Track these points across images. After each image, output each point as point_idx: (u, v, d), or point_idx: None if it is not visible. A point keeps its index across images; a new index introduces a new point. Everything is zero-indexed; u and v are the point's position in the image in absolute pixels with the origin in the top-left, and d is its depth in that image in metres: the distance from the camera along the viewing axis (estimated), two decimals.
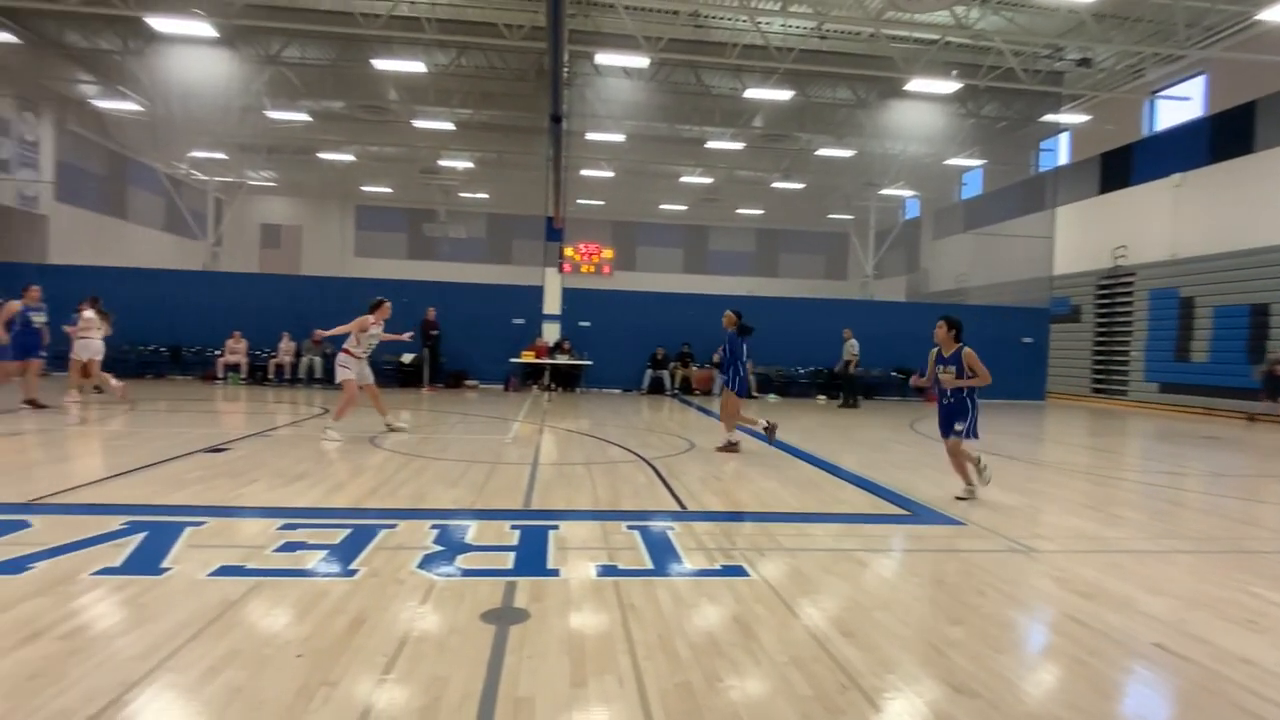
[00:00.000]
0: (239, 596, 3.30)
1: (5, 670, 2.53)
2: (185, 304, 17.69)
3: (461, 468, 6.88)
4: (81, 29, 18.73)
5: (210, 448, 7.46)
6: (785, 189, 29.47)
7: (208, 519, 4.65)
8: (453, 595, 3.44)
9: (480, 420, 11.36)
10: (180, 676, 2.53)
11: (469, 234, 32.96)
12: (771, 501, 5.93)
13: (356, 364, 8.66)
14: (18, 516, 4.49)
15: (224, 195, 28.27)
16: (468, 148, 26.82)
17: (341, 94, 22.50)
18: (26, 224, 20.28)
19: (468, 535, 4.51)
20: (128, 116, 22.49)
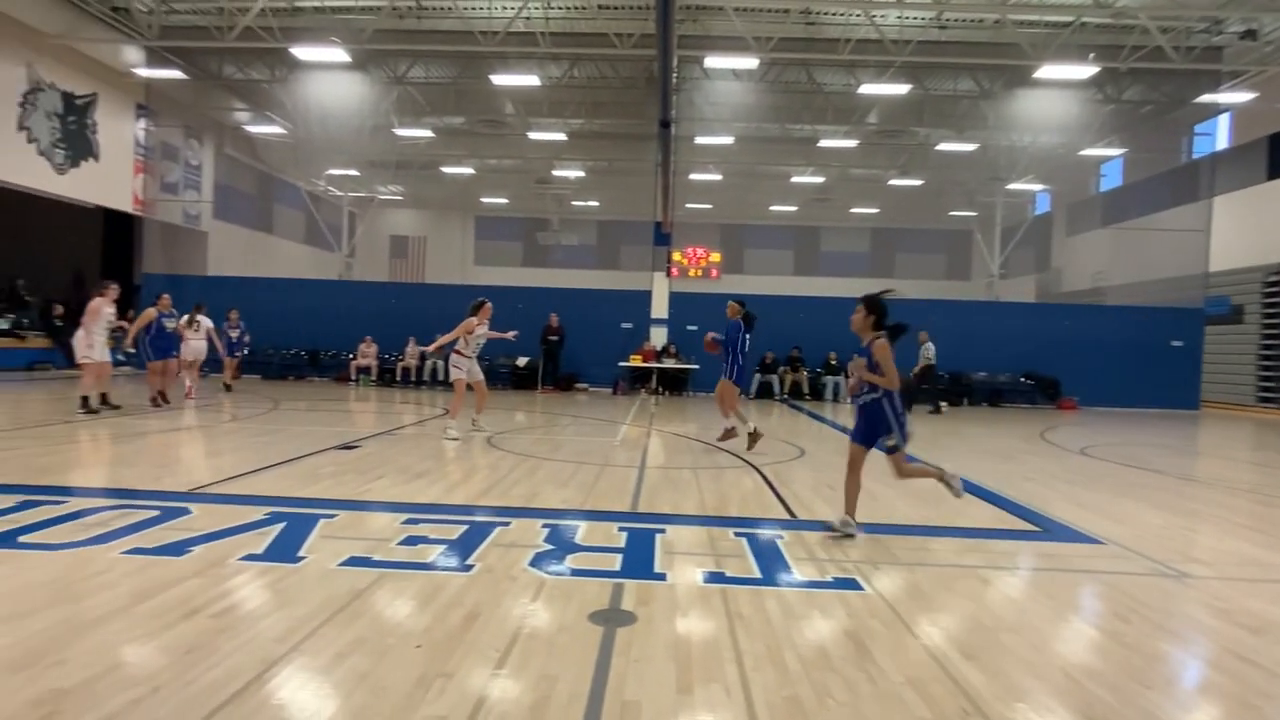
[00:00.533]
0: (365, 586, 3.50)
1: (167, 643, 2.79)
2: (322, 311, 19.09)
3: (572, 469, 7.03)
4: (237, 62, 20.66)
5: (342, 445, 7.99)
6: (902, 186, 28.29)
7: (339, 512, 4.97)
8: (562, 594, 3.51)
9: (590, 422, 11.58)
10: (312, 660, 2.71)
11: (580, 241, 33.73)
12: (887, 512, 5.68)
13: (466, 363, 9.25)
14: (181, 504, 4.97)
15: (357, 209, 30.30)
16: (579, 157, 27.47)
17: (462, 110, 23.62)
18: (190, 240, 22.57)
19: (577, 535, 4.59)
20: (274, 139, 24.61)
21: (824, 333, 17.92)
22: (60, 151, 17.90)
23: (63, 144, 17.94)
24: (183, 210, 22.20)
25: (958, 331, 18.16)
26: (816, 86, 20.59)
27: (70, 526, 4.34)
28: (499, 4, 16.24)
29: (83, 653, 2.68)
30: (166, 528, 4.38)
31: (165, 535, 4.21)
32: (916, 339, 16.21)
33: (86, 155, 18.69)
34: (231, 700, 2.36)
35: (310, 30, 17.69)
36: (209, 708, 2.30)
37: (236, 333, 14.60)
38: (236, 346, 14.60)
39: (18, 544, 3.96)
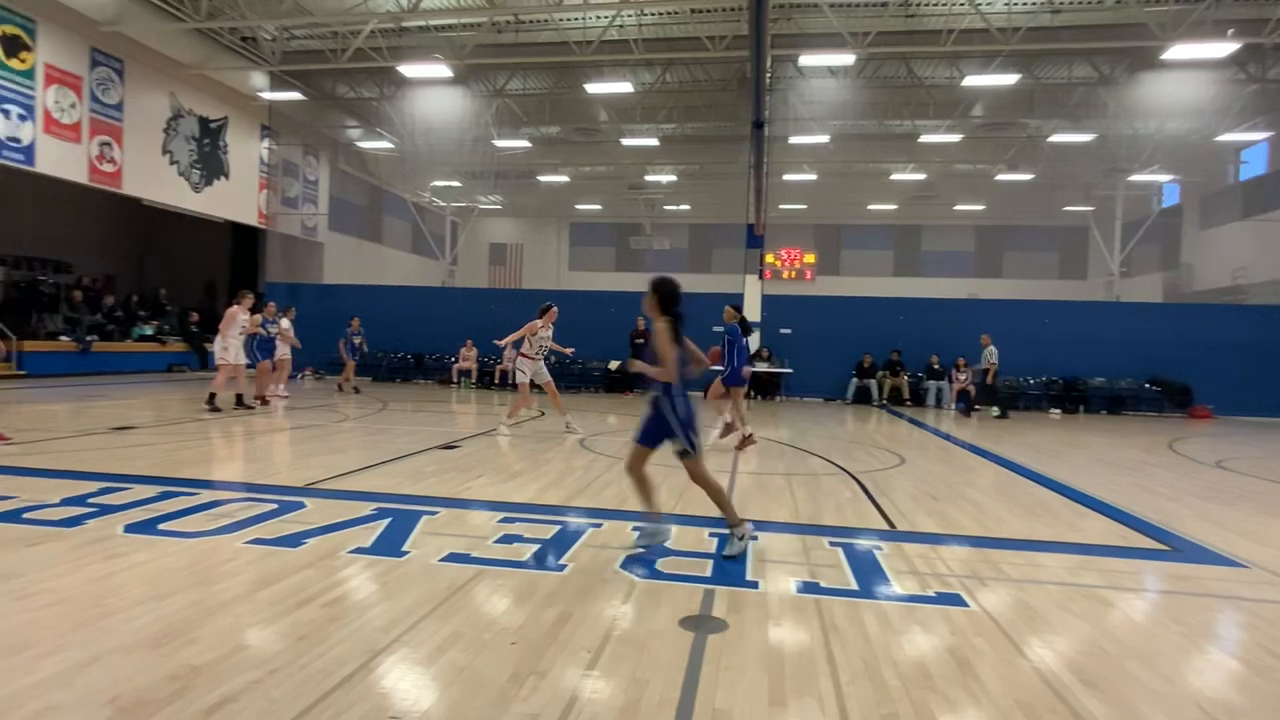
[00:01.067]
0: (464, 582, 3.62)
1: (283, 629, 2.98)
2: (427, 316, 19.96)
3: (664, 472, 7.02)
4: (349, 82, 21.97)
5: (444, 445, 8.32)
6: (1010, 181, 26.82)
7: (440, 509, 5.17)
8: (652, 598, 3.51)
9: None
10: (414, 651, 2.82)
11: (672, 245, 33.84)
12: (995, 526, 5.38)
13: (531, 365, 9.66)
14: (297, 498, 5.30)
15: (459, 219, 31.52)
16: (671, 161, 27.57)
17: (557, 120, 24.18)
18: (308, 250, 24.13)
19: (668, 540, 4.58)
20: (383, 154, 25.99)
21: (925, 335, 17.24)
22: (196, 171, 19.54)
23: (199, 165, 19.58)
24: (301, 223, 23.78)
25: (1072, 334, 17.04)
26: (917, 80, 19.86)
27: (202, 516, 4.70)
28: (593, 14, 16.52)
29: (211, 633, 2.90)
30: (284, 520, 4.68)
31: (283, 527, 4.50)
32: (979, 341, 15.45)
33: (219, 174, 20.32)
34: (339, 686, 2.49)
35: (416, 49, 18.57)
36: (319, 692, 2.44)
37: (359, 339, 15.47)
38: (357, 351, 15.48)
39: (157, 531, 4.33)
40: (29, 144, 15.13)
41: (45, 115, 15.42)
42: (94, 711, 2.27)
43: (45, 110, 15.42)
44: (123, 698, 2.35)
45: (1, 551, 3.87)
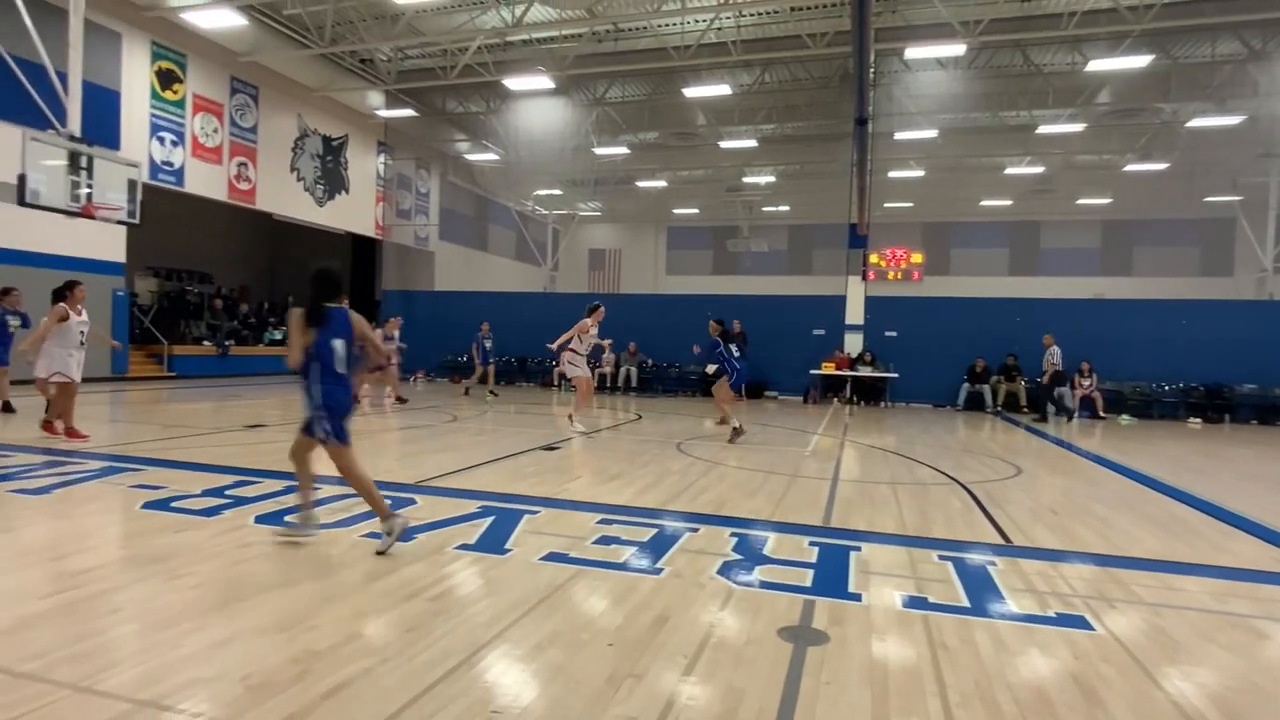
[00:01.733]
0: (563, 582, 3.68)
1: (392, 620, 3.12)
2: (530, 321, 20.51)
3: (760, 478, 6.93)
4: (458, 97, 22.97)
5: (545, 446, 8.52)
6: (1141, 171, 24.77)
7: (541, 509, 5.29)
8: (750, 606, 3.45)
9: (779, 431, 11.36)
10: (514, 648, 2.89)
11: (770, 247, 33.36)
12: (1124, 543, 4.97)
13: (581, 360, 10.44)
14: (409, 495, 5.56)
15: (560, 226, 32.29)
16: (771, 162, 27.21)
17: (656, 125, 24.36)
18: (420, 259, 25.37)
19: (766, 547, 4.50)
20: (489, 165, 26.99)
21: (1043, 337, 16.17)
22: (320, 187, 20.94)
23: (322, 181, 20.97)
24: (414, 233, 25.03)
25: (1217, 336, 15.57)
26: (1034, 68, 18.72)
27: (323, 510, 5.00)
28: (691, 17, 16.55)
29: (330, 621, 3.08)
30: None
31: None
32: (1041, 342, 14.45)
33: (340, 189, 21.69)
34: (444, 679, 2.58)
35: (519, 62, 19.20)
36: (425, 683, 2.54)
37: (490, 343, 16.02)
38: (489, 356, 16.01)
39: (284, 522, 4.64)
40: (179, 167, 16.68)
41: (193, 140, 16.96)
42: (229, 688, 2.46)
43: (193, 136, 16.95)
44: (253, 677, 2.54)
45: (155, 536, 4.27)
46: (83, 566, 3.71)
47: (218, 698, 2.39)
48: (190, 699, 2.37)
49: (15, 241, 13.31)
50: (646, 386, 18.79)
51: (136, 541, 4.24)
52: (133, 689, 2.42)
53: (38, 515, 4.71)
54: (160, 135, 16.16)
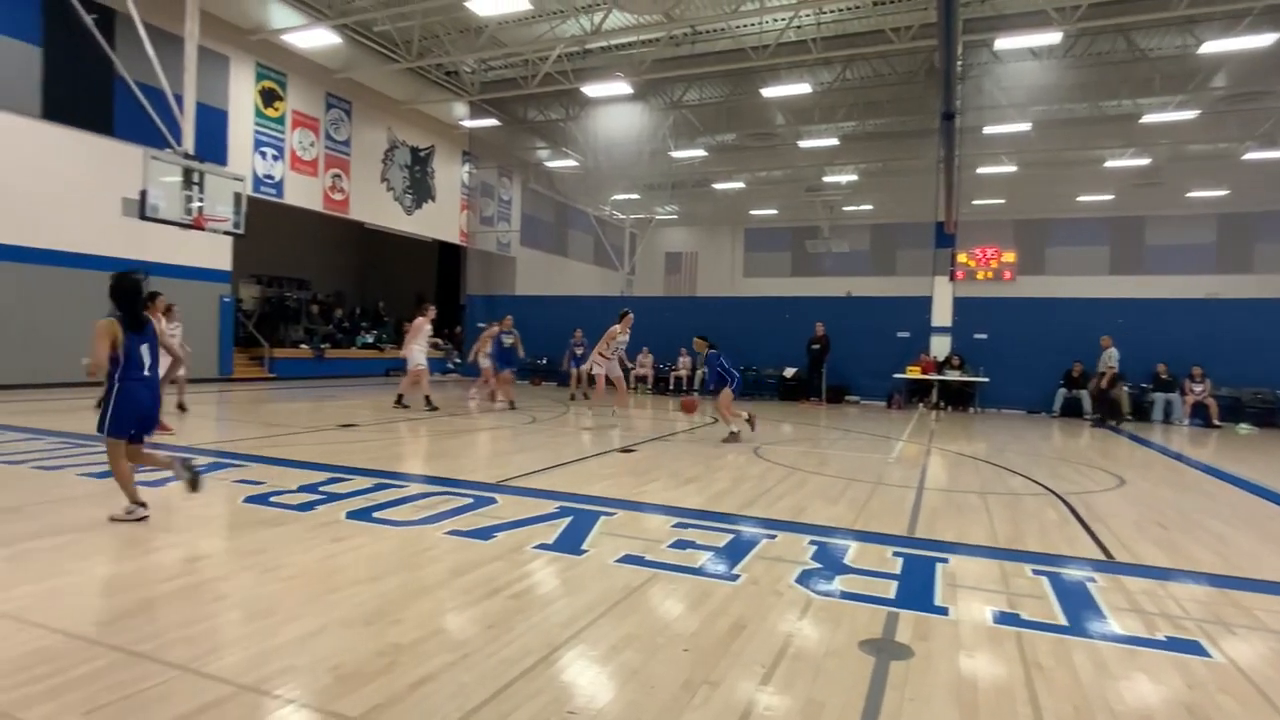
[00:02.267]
0: (639, 584, 3.69)
1: (474, 616, 3.20)
2: (607, 324, 20.70)
3: (841, 485, 6.76)
4: (538, 106, 23.46)
5: (622, 448, 8.57)
6: (1264, 160, 22.89)
7: (617, 510, 5.32)
8: (830, 616, 3.36)
9: (861, 437, 11.05)
10: (590, 649, 2.91)
11: (852, 247, 32.58)
12: (1245, 563, 4.59)
13: (606, 363, 11.31)
14: (490, 494, 5.70)
15: (637, 230, 32.50)
16: (852, 160, 26.59)
17: (733, 127, 24.21)
18: (502, 265, 26.03)
19: (847, 556, 4.38)
20: (568, 172, 27.44)
21: (1151, 340, 15.15)
22: (409, 196, 21.78)
23: (411, 190, 21.81)
24: (496, 239, 25.70)
25: None
26: (1139, 53, 17.59)
27: (409, 507, 5.20)
28: (769, 17, 16.35)
29: (415, 615, 3.18)
30: (478, 514, 5.05)
31: (477, 521, 4.86)
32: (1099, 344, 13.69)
33: (427, 198, 22.50)
34: (522, 676, 2.62)
35: (598, 69, 19.43)
36: (505, 679, 2.58)
37: (581, 349, 16.17)
38: (581, 361, 16.13)
39: (373, 518, 4.84)
40: (279, 179, 17.68)
41: (291, 154, 17.96)
42: (320, 677, 2.57)
43: (292, 150, 17.95)
44: (343, 667, 2.64)
45: (254, 530, 4.52)
46: (193, 555, 3.97)
47: (310, 685, 2.51)
48: (285, 685, 2.49)
49: (137, 253, 14.40)
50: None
51: (239, 533, 4.50)
52: (234, 673, 2.56)
53: (155, 506, 5.06)
54: (262, 150, 17.18)
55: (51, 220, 13.31)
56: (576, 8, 16.73)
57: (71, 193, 13.53)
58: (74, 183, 13.57)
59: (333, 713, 2.33)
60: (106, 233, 13.98)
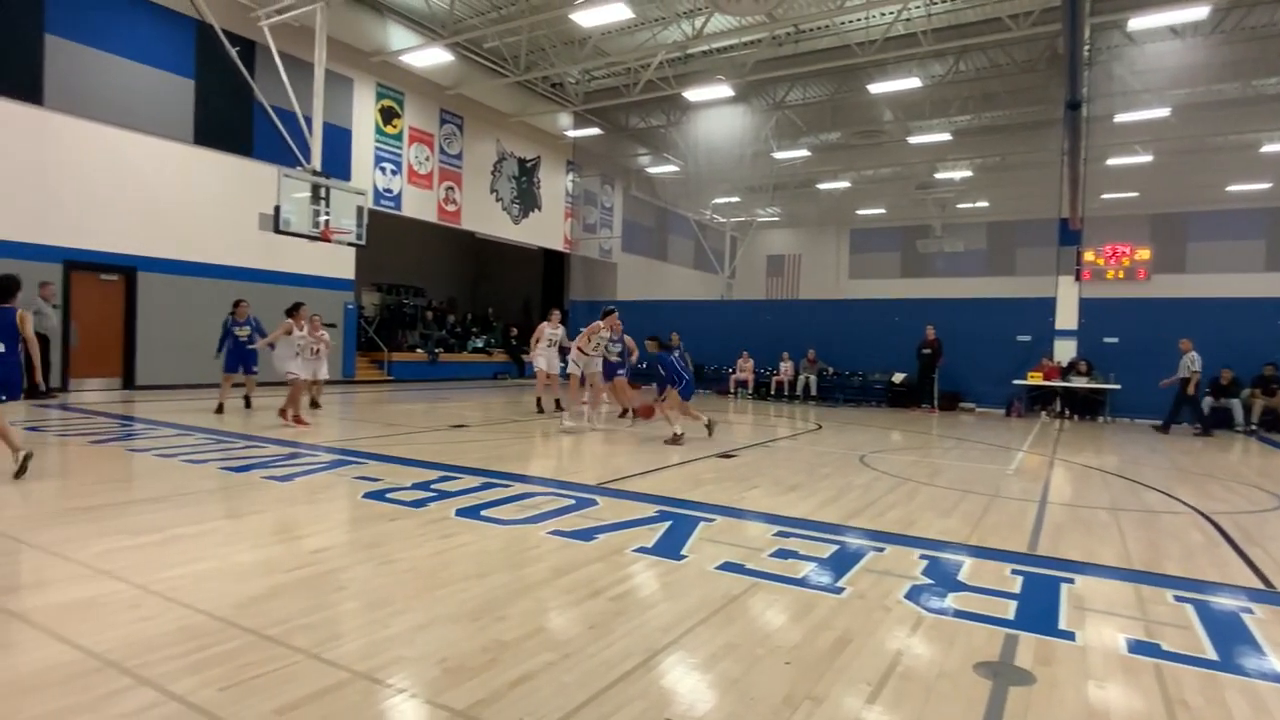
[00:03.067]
0: (739, 593, 3.63)
1: (576, 616, 3.24)
2: (707, 329, 20.67)
3: (955, 497, 6.42)
4: (640, 113, 23.71)
5: (721, 453, 8.49)
6: None
7: (717, 517, 5.27)
8: (943, 635, 3.19)
9: (977, 447, 10.47)
10: (689, 656, 2.88)
11: (966, 247, 31.02)
12: None
13: (584, 360, 10.72)
14: (591, 496, 5.78)
15: (737, 233, 32.23)
16: (966, 155, 25.34)
17: (838, 125, 23.60)
18: (604, 270, 26.45)
19: (960, 572, 4.14)
20: (668, 177, 27.57)
21: None
22: (516, 206, 22.53)
23: (518, 200, 22.56)
24: (598, 246, 26.16)
25: None
26: None
27: (514, 507, 5.34)
28: (875, 11, 15.83)
29: (518, 613, 3.26)
30: (579, 515, 5.12)
31: (578, 522, 4.93)
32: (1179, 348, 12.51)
33: (533, 207, 23.19)
34: (622, 679, 2.63)
35: (699, 73, 19.43)
36: (604, 682, 2.60)
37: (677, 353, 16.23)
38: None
39: (480, 517, 5.00)
40: (397, 193, 18.69)
41: (408, 169, 18.96)
42: (427, 669, 2.67)
43: (409, 164, 18.95)
44: (449, 661, 2.74)
45: (372, 524, 4.78)
46: (316, 546, 4.23)
47: (419, 677, 2.61)
48: (396, 675, 2.61)
49: (272, 264, 15.62)
50: (827, 395, 18.17)
51: (358, 527, 4.77)
52: (351, 660, 2.71)
53: (283, 500, 5.45)
54: (382, 165, 18.23)
55: (200, 235, 14.64)
56: (678, 14, 16.80)
57: (216, 210, 14.84)
58: (218, 200, 14.87)
59: (440, 705, 2.41)
60: (246, 246, 15.24)
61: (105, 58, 13.18)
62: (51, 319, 11.85)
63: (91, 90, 13.03)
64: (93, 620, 3.00)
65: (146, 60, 13.73)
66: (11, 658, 2.64)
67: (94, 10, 12.99)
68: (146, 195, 13.84)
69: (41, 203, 12.53)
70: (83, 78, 12.91)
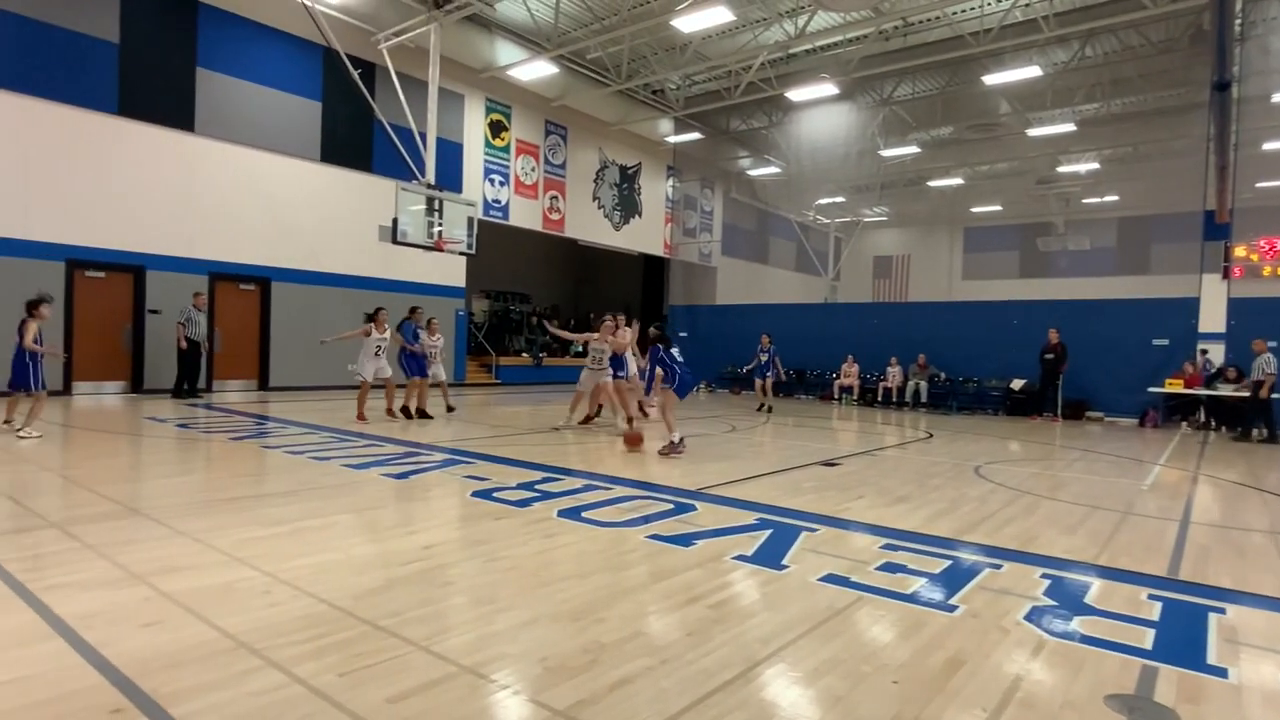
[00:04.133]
0: (844, 606, 3.50)
1: (674, 622, 3.22)
2: (809, 333, 20.22)
3: (1081, 512, 5.97)
4: (741, 116, 23.52)
5: (824, 461, 8.27)
6: None
7: (820, 526, 5.12)
8: (1068, 662, 2.96)
9: (1106, 459, 9.70)
10: (791, 669, 2.80)
11: (1093, 244, 28.89)
12: None
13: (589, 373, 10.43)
14: (689, 501, 5.76)
15: (842, 234, 31.40)
16: (1093, 146, 23.61)
17: (950, 119, 22.56)
18: (703, 275, 26.39)
19: (1088, 595, 3.84)
20: (770, 179, 27.20)
21: None
22: (617, 213, 22.85)
23: (619, 207, 22.88)
24: (698, 250, 26.12)
25: None
26: None
27: (613, 509, 5.40)
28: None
29: (617, 615, 3.28)
30: (678, 520, 5.11)
31: (677, 527, 4.92)
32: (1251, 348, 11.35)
33: (633, 214, 23.45)
34: (721, 689, 2.59)
35: (802, 72, 19.07)
36: (702, 691, 2.57)
37: (765, 356, 16.00)
38: (767, 369, 15.89)
39: (581, 518, 5.08)
40: (505, 203, 19.37)
41: (515, 179, 19.62)
42: (530, 667, 2.73)
43: (515, 176, 19.61)
44: (550, 660, 2.79)
45: (479, 522, 4.95)
46: (427, 542, 4.42)
47: (521, 674, 2.67)
48: (500, 672, 2.68)
49: (389, 273, 16.53)
50: (938, 403, 17.37)
51: (467, 524, 4.95)
52: (458, 654, 2.80)
53: (398, 496, 5.73)
54: (491, 177, 18.95)
55: (326, 247, 15.71)
56: (779, 13, 16.56)
57: (340, 223, 15.89)
58: (342, 214, 15.92)
59: (541, 703, 2.45)
60: (366, 256, 16.22)
61: (245, 86, 14.38)
62: (202, 326, 13.02)
63: (233, 116, 14.26)
64: (230, 604, 3.25)
65: (280, 86, 14.89)
66: (164, 634, 2.89)
67: (237, 43, 14.20)
68: (279, 210, 14.99)
69: (191, 220, 13.81)
70: (226, 105, 14.14)
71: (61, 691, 2.40)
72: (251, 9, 14.32)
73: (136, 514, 4.79)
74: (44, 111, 12.03)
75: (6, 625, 2.93)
